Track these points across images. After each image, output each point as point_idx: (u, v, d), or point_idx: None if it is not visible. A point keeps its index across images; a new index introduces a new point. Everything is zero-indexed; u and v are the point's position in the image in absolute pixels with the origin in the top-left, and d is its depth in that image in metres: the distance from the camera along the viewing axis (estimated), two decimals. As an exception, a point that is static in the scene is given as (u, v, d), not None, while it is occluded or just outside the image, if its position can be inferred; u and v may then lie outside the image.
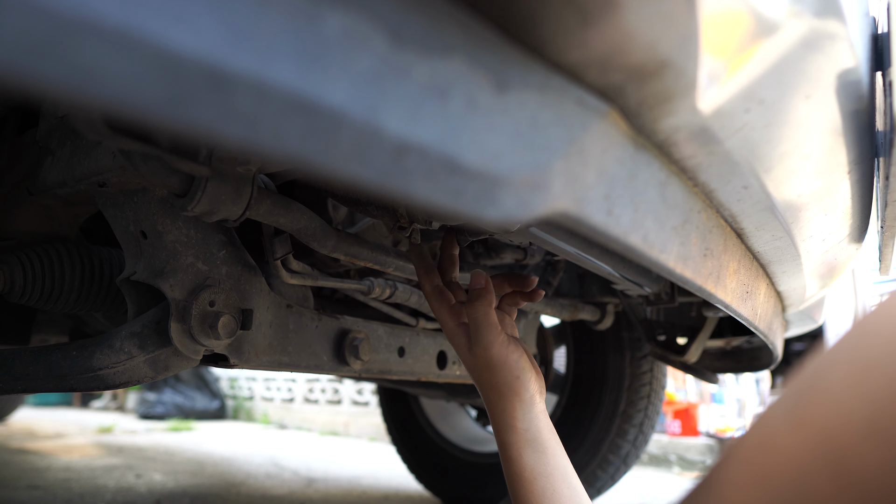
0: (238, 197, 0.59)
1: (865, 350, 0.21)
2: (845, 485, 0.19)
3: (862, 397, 0.20)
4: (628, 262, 0.83)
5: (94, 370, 0.66)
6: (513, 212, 0.27)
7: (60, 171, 0.69)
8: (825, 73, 0.46)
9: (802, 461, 0.21)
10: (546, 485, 0.60)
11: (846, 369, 0.21)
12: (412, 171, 0.23)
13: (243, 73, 0.19)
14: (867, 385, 0.20)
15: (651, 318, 1.39)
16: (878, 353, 0.20)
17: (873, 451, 0.19)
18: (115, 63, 0.17)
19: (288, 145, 0.20)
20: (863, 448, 0.19)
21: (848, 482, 0.19)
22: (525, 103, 0.27)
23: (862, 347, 0.21)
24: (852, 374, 0.21)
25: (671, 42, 0.30)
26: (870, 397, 0.19)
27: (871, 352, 0.20)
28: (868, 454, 0.19)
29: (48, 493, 1.97)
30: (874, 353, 0.20)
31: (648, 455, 3.17)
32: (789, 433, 0.22)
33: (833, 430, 0.20)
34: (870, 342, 0.21)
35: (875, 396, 0.19)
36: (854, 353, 0.21)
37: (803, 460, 0.21)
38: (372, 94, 0.21)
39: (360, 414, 4.65)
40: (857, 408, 0.20)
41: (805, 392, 0.22)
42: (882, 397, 0.19)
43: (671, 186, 0.43)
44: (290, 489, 2.24)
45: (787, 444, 0.22)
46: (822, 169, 0.56)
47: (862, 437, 0.19)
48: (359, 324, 0.91)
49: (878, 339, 0.20)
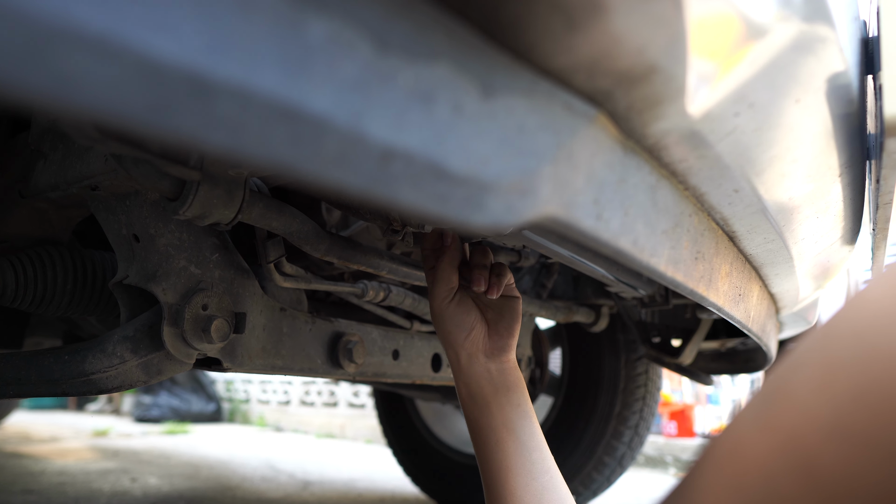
0: (230, 200, 0.59)
1: (830, 352, 0.21)
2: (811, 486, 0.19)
3: (826, 399, 0.20)
4: (621, 265, 0.84)
5: (86, 374, 0.66)
6: (500, 217, 0.27)
7: (52, 175, 0.68)
8: (815, 77, 0.46)
9: (770, 464, 0.21)
10: (489, 436, 0.66)
11: (811, 371, 0.21)
12: (398, 177, 0.23)
13: (226, 80, 0.19)
14: (831, 386, 0.20)
15: (646, 320, 1.39)
16: (841, 355, 0.20)
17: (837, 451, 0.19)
18: (96, 70, 0.17)
19: (273, 152, 0.20)
20: (827, 449, 0.19)
21: (813, 483, 0.19)
22: (512, 109, 0.27)
23: (826, 349, 0.21)
24: (817, 375, 0.21)
25: (659, 46, 0.30)
26: (833, 399, 0.20)
27: (835, 353, 0.21)
28: (832, 455, 0.19)
29: (42, 497, 1.96)
30: (838, 354, 0.20)
31: (644, 456, 3.17)
32: (758, 436, 0.22)
33: (799, 431, 0.20)
34: (834, 344, 0.21)
35: (839, 398, 0.19)
36: (819, 355, 0.21)
37: (771, 463, 0.21)
38: (357, 100, 0.21)
39: (357, 416, 4.65)
40: (821, 409, 0.20)
41: (773, 395, 0.23)
42: (845, 399, 0.19)
43: (661, 190, 0.43)
44: (285, 492, 2.24)
45: (756, 448, 0.22)
46: (813, 172, 0.56)
47: (826, 438, 0.19)
48: (353, 327, 0.91)
49: (842, 340, 0.21)
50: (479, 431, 0.67)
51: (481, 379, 0.68)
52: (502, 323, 0.71)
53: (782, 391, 0.22)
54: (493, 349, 0.70)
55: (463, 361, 0.69)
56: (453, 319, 0.70)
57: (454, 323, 0.69)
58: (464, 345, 0.69)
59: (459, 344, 0.69)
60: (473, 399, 0.68)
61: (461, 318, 0.70)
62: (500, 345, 0.70)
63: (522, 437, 0.66)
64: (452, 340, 0.70)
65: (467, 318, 0.70)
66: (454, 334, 0.69)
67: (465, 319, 0.70)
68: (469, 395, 0.69)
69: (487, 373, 0.69)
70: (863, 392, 0.19)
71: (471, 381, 0.69)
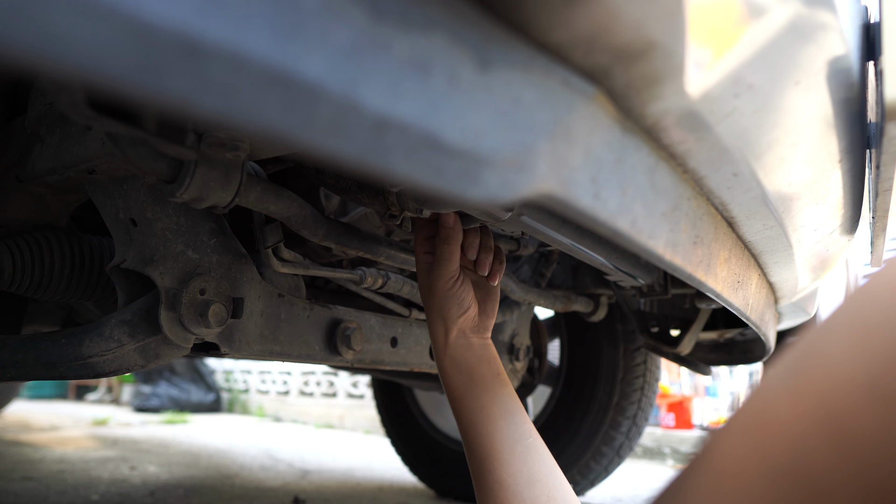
0: (227, 183, 0.59)
1: (865, 315, 0.20)
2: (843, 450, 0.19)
3: (861, 363, 0.19)
4: (621, 253, 0.83)
5: (83, 358, 0.66)
6: (496, 192, 0.27)
7: (50, 159, 0.68)
8: (815, 60, 0.46)
9: (800, 429, 0.20)
10: (473, 403, 0.70)
11: (845, 335, 0.20)
12: (392, 147, 0.23)
13: (218, 43, 0.18)
14: (866, 350, 0.19)
15: (644, 309, 1.39)
16: (877, 319, 0.20)
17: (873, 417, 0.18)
18: (86, 30, 0.17)
19: (265, 118, 0.20)
20: (862, 414, 0.19)
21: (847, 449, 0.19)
22: (509, 82, 0.27)
23: (861, 313, 0.20)
24: (851, 339, 0.20)
25: (657, 22, 0.30)
26: (869, 362, 0.19)
27: (870, 317, 0.20)
28: (867, 420, 0.18)
29: (42, 484, 1.97)
30: (873, 318, 0.20)
31: (642, 447, 3.18)
32: (787, 400, 0.21)
33: (831, 396, 0.20)
34: (869, 308, 0.20)
35: (874, 362, 0.19)
36: (853, 319, 0.21)
37: (801, 428, 0.20)
38: (351, 67, 0.21)
39: (356, 407, 4.66)
40: (856, 373, 0.19)
41: (803, 359, 0.22)
42: (882, 362, 0.19)
43: (660, 172, 0.43)
44: (284, 481, 2.25)
45: (785, 412, 0.21)
46: (812, 157, 0.56)
47: (861, 404, 0.19)
48: (351, 314, 0.91)
49: (878, 304, 0.20)
50: (463, 400, 0.71)
51: (466, 351, 0.73)
52: (489, 303, 0.77)
53: (813, 354, 0.21)
54: (479, 326, 0.75)
55: (452, 336, 0.74)
56: (455, 298, 0.73)
57: (455, 301, 0.73)
58: (457, 322, 0.74)
59: (453, 321, 0.73)
60: (458, 369, 0.72)
61: (462, 297, 0.74)
62: (486, 323, 0.76)
63: (504, 402, 0.70)
64: (448, 317, 0.74)
65: (466, 295, 0.74)
66: (452, 311, 0.73)
67: (465, 298, 0.74)
68: (454, 365, 0.73)
69: (472, 346, 0.74)
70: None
71: (456, 353, 0.73)
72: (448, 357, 0.73)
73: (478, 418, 0.69)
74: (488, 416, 0.69)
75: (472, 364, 0.73)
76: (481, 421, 0.69)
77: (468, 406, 0.70)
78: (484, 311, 0.76)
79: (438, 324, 0.74)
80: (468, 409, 0.70)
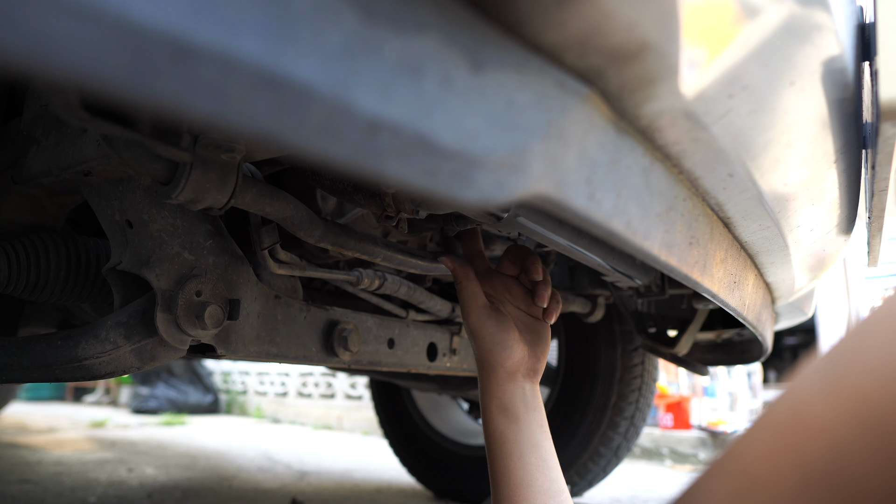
0: (223, 185, 0.59)
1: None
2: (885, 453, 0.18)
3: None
4: (618, 254, 0.83)
5: (79, 360, 0.66)
6: (489, 193, 0.27)
7: (45, 160, 0.68)
8: (810, 60, 0.46)
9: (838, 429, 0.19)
10: (514, 450, 0.68)
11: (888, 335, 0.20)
12: (385, 149, 0.23)
13: (209, 45, 0.18)
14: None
15: (642, 310, 1.39)
16: None
17: None
18: (75, 32, 0.17)
19: (256, 120, 0.20)
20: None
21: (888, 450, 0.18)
22: (502, 84, 0.27)
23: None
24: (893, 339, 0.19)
25: (651, 23, 0.30)
26: None
27: None
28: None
29: (39, 486, 1.97)
30: None
31: (640, 448, 3.18)
32: (825, 400, 0.20)
33: (873, 397, 0.19)
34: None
35: None
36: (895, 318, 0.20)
37: (839, 428, 0.19)
38: (342, 69, 0.21)
39: (354, 408, 4.65)
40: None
41: (843, 358, 0.21)
42: None
43: (655, 173, 0.43)
44: (282, 482, 2.24)
45: (823, 412, 0.20)
46: (808, 157, 0.56)
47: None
48: (348, 315, 0.91)
49: None
50: (504, 445, 0.69)
51: (515, 396, 0.71)
52: (539, 346, 0.74)
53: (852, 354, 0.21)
54: (529, 370, 0.73)
55: (501, 377, 0.71)
56: (493, 337, 0.72)
57: (493, 340, 0.72)
58: (504, 363, 0.71)
59: (499, 361, 0.71)
60: (504, 413, 0.70)
61: (500, 335, 0.72)
62: (537, 367, 0.73)
63: (545, 456, 0.69)
64: (491, 357, 0.71)
65: (507, 336, 0.72)
66: (494, 352, 0.71)
67: (505, 337, 0.72)
68: (500, 409, 0.71)
69: (522, 391, 0.71)
70: None
71: (504, 397, 0.71)
72: (495, 399, 0.71)
73: (515, 467, 0.68)
74: (526, 466, 0.67)
75: (520, 411, 0.70)
76: (518, 471, 0.67)
77: (507, 452, 0.69)
78: (534, 353, 0.74)
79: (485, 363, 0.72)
80: (507, 454, 0.68)
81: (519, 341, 0.73)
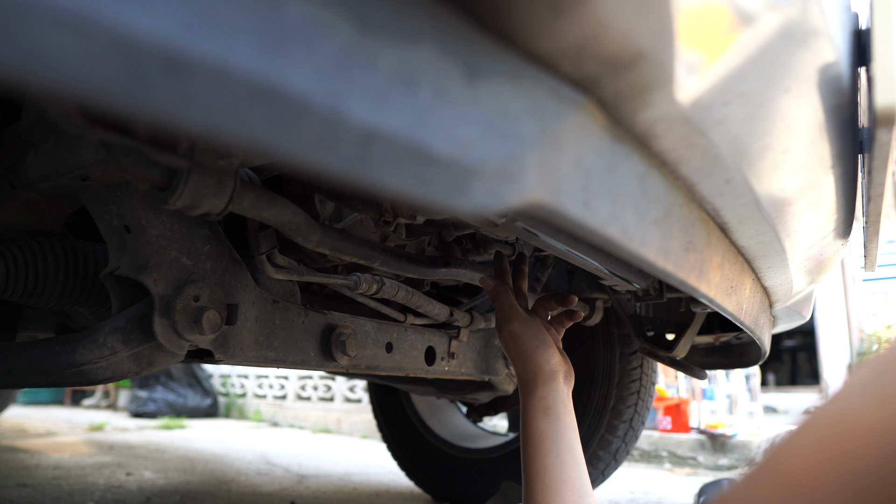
0: (220, 190, 0.59)
1: None
2: None
3: None
4: (615, 258, 0.83)
5: (76, 365, 0.66)
6: (484, 202, 0.27)
7: (43, 166, 0.68)
8: (805, 67, 0.46)
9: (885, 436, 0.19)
10: (552, 448, 0.73)
11: None
12: (380, 159, 0.23)
13: (203, 57, 0.18)
14: None
15: (640, 313, 1.39)
16: None
17: None
18: (70, 46, 0.17)
19: (251, 132, 0.20)
20: None
21: None
22: (497, 93, 0.27)
23: None
24: None
25: (646, 32, 0.30)
26: None
27: None
28: None
29: (37, 491, 1.96)
30: None
31: (639, 451, 3.18)
32: (870, 407, 0.20)
33: None
34: None
35: None
36: None
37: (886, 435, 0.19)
38: (337, 81, 0.21)
39: (353, 411, 4.65)
40: None
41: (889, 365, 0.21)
42: None
43: (651, 179, 0.43)
44: (280, 486, 2.24)
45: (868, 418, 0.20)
46: (804, 163, 0.56)
47: None
48: (346, 319, 0.91)
49: None
50: (544, 442, 0.73)
51: (557, 396, 0.76)
52: (565, 354, 0.81)
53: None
54: (567, 373, 0.79)
55: (545, 376, 0.77)
56: (535, 338, 0.78)
57: (536, 342, 0.78)
58: (548, 362, 0.77)
59: (544, 359, 0.77)
60: (547, 413, 0.75)
61: (542, 336, 0.78)
62: (571, 372, 0.80)
63: (577, 457, 0.74)
64: (537, 355, 0.77)
65: (546, 337, 0.79)
66: (539, 351, 0.77)
67: (546, 339, 0.79)
68: (543, 408, 0.76)
69: (563, 392, 0.77)
70: None
71: (548, 396, 0.76)
72: (539, 399, 0.76)
73: (553, 465, 0.72)
74: (562, 465, 0.72)
75: (561, 412, 0.76)
76: (555, 468, 0.72)
77: (546, 449, 0.73)
78: (566, 358, 0.80)
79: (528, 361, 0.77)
80: (546, 452, 0.73)
81: (554, 346, 0.79)
